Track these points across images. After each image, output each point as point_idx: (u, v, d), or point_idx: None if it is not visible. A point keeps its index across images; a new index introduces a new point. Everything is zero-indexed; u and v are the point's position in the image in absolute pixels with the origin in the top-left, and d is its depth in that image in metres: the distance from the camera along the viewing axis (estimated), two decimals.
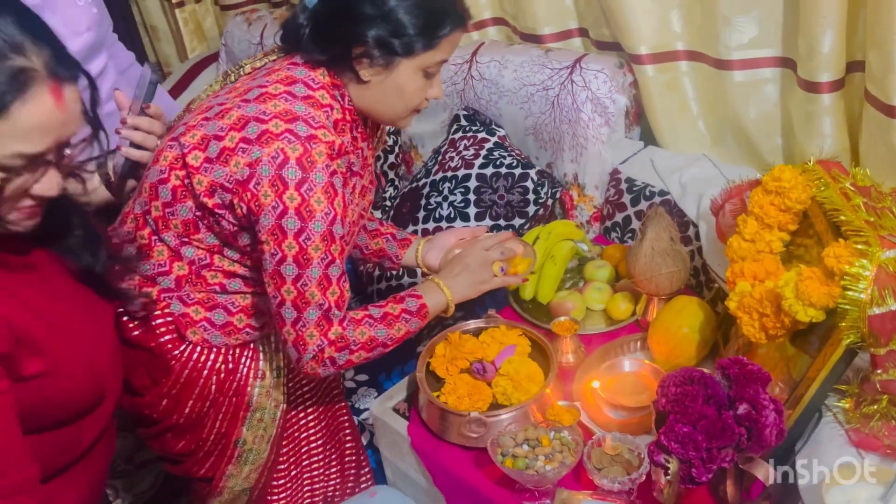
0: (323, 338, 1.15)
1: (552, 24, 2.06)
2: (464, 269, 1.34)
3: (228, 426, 1.28)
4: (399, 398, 1.54)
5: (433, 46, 1.17)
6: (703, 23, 1.72)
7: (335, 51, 1.16)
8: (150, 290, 1.21)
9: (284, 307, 1.13)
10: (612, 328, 1.60)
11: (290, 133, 1.08)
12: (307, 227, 1.08)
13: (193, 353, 1.22)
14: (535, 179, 1.89)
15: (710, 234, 1.52)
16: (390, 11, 1.13)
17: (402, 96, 1.20)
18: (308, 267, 1.10)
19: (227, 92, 1.20)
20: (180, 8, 3.20)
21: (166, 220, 1.17)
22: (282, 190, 1.07)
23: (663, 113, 1.86)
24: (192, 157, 1.11)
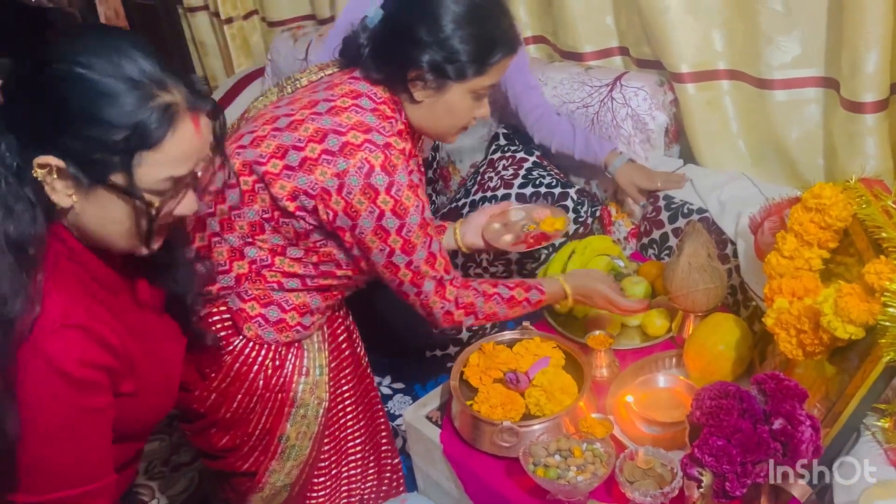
0: (443, 300, 1.32)
1: (593, 43, 2.09)
2: (589, 297, 1.49)
3: (273, 421, 1.31)
4: (432, 406, 1.56)
5: (484, 73, 1.24)
6: (746, 42, 1.73)
7: (391, 71, 1.24)
8: (209, 287, 1.25)
9: (404, 286, 1.29)
10: (647, 344, 1.59)
11: (369, 143, 1.17)
12: (405, 221, 1.21)
13: (245, 349, 1.27)
14: (575, 198, 1.90)
15: (749, 252, 1.51)
16: (445, 39, 1.20)
17: (452, 116, 1.29)
18: (414, 252, 1.24)
19: (290, 103, 1.26)
20: (228, 24, 3.29)
21: (231, 222, 1.24)
22: (374, 196, 1.17)
23: (703, 131, 1.86)
24: (272, 165, 1.19)
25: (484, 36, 1.22)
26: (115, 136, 0.83)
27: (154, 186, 0.87)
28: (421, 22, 1.20)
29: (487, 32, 1.22)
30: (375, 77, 1.25)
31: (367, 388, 1.51)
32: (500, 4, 1.26)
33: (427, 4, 1.21)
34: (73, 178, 0.84)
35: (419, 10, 1.21)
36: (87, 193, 0.86)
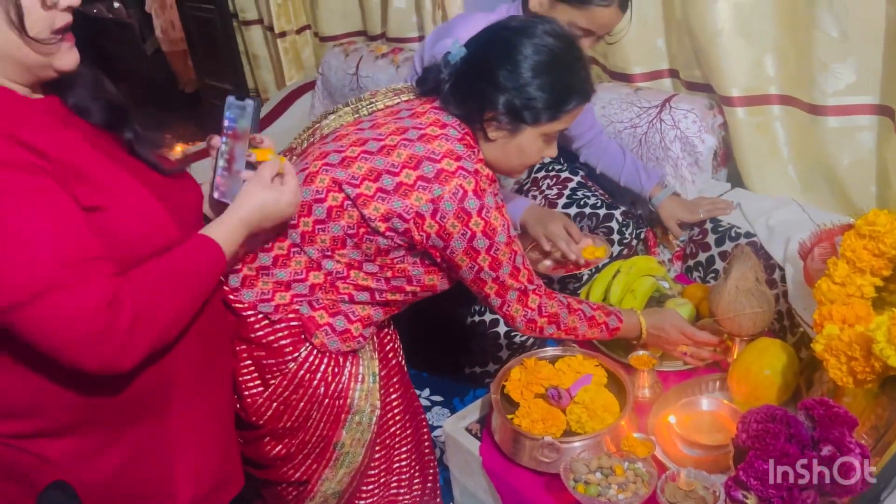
0: (526, 308, 1.36)
1: (642, 65, 2.10)
2: (660, 332, 1.51)
3: (330, 428, 1.34)
4: (472, 419, 1.57)
5: (557, 119, 1.30)
6: (799, 68, 1.72)
7: (470, 108, 1.30)
8: (283, 293, 1.29)
9: (490, 298, 1.35)
10: (690, 367, 1.58)
11: (462, 170, 1.23)
12: (494, 241, 1.27)
13: (310, 356, 1.30)
14: (620, 220, 1.90)
15: (797, 278, 1.50)
16: (523, 85, 1.25)
17: (522, 156, 1.34)
18: (500, 268, 1.30)
19: (374, 126, 1.31)
20: (282, 38, 3.38)
21: (313, 235, 1.27)
22: (466, 220, 1.24)
23: (753, 156, 1.86)
24: (365, 187, 1.24)
25: (560, 84, 1.27)
26: None
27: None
28: (501, 66, 1.26)
29: (564, 81, 1.27)
30: (454, 111, 1.31)
31: (411, 398, 1.53)
32: (578, 54, 1.30)
33: (509, 50, 1.26)
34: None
35: (501, 55, 1.26)
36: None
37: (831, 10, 1.59)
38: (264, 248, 1.30)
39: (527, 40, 1.26)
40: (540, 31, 1.27)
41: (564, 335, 1.42)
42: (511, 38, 1.27)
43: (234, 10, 3.68)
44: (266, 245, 1.30)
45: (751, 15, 1.75)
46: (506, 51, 1.27)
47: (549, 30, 1.28)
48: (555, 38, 1.27)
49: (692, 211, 1.85)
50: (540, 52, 1.25)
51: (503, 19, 1.36)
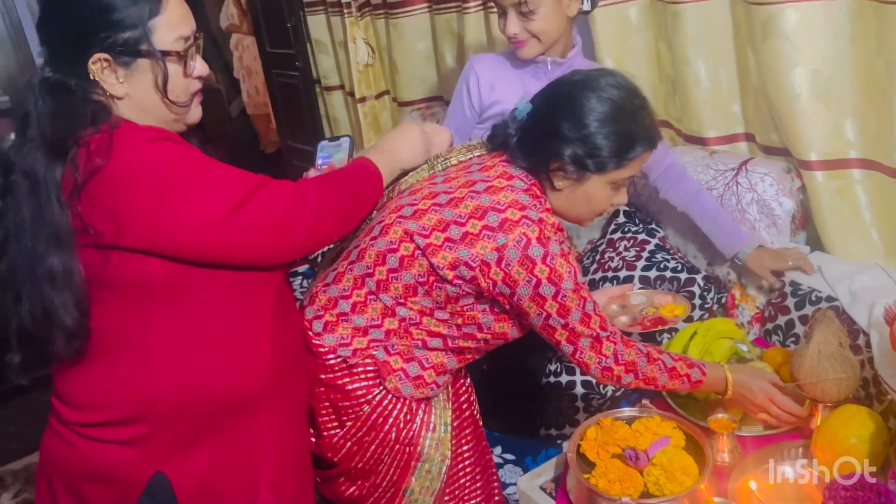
0: (600, 356, 1.35)
1: (717, 128, 2.12)
2: (745, 390, 1.48)
3: (400, 474, 1.37)
4: (547, 477, 1.57)
5: (623, 166, 1.33)
6: (880, 132, 1.72)
7: (536, 160, 1.35)
8: (361, 339, 1.36)
9: (562, 345, 1.35)
10: (771, 432, 1.55)
11: (525, 219, 1.27)
12: (560, 287, 1.28)
13: (384, 400, 1.35)
14: (702, 284, 1.90)
15: (884, 344, 1.47)
16: (588, 136, 1.30)
17: (590, 204, 1.38)
18: (569, 315, 1.31)
19: (446, 181, 1.38)
20: (362, 103, 3.54)
21: (387, 283, 1.34)
22: (531, 266, 1.26)
23: (833, 220, 1.84)
24: (434, 237, 1.31)
25: (624, 133, 1.31)
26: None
27: (174, 45, 1.14)
28: (566, 119, 1.31)
29: (628, 129, 1.31)
30: (521, 164, 1.36)
31: (483, 451, 1.55)
32: (642, 102, 1.34)
33: (573, 103, 1.31)
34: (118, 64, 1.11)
35: (566, 107, 1.32)
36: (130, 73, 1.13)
37: None
38: (344, 294, 1.37)
39: (590, 92, 1.31)
40: (603, 83, 1.32)
41: (643, 385, 1.39)
42: (573, 92, 1.33)
43: (317, 76, 3.89)
44: (346, 293, 1.37)
45: (828, 81, 1.76)
46: (569, 103, 1.32)
47: (612, 81, 1.33)
48: (617, 89, 1.32)
49: (780, 258, 1.83)
50: (603, 102, 1.30)
51: (567, 74, 1.41)
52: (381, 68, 3.51)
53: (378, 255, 1.35)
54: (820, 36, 1.74)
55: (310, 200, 1.21)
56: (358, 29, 3.38)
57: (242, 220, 1.13)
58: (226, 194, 1.12)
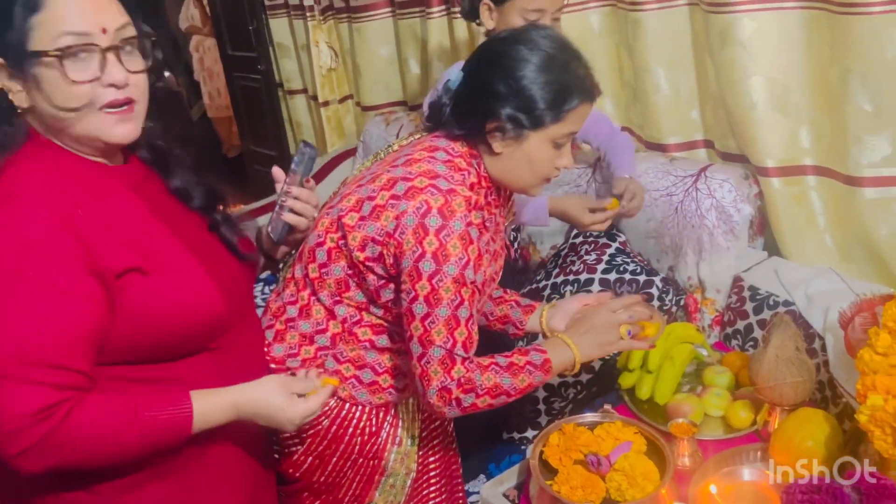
0: (446, 375, 1.20)
1: (678, 135, 2.15)
2: (590, 329, 1.35)
3: (363, 489, 1.35)
4: (510, 484, 1.56)
5: (561, 119, 1.25)
6: (834, 140, 1.76)
7: (471, 125, 1.28)
8: (308, 347, 1.32)
9: (413, 342, 1.21)
10: (731, 436, 1.57)
11: (433, 187, 1.21)
12: (441, 269, 1.18)
13: (342, 410, 1.32)
14: (660, 287, 1.91)
15: (838, 348, 1.49)
16: (522, 89, 1.23)
17: (532, 166, 1.30)
18: (437, 306, 1.18)
19: (379, 164, 1.35)
20: (325, 107, 3.51)
21: (322, 280, 1.30)
22: (422, 236, 1.18)
23: (789, 225, 1.87)
24: (349, 217, 1.25)
25: (559, 83, 1.23)
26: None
27: (55, 44, 0.96)
28: (497, 74, 1.24)
29: (562, 80, 1.24)
30: (456, 133, 1.29)
31: (450, 461, 1.53)
32: (574, 54, 1.28)
33: (503, 58, 1.25)
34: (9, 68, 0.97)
35: (496, 63, 1.26)
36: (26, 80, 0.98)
37: (864, 85, 1.63)
38: (291, 300, 1.34)
39: (520, 45, 1.24)
40: (533, 35, 1.26)
41: (490, 398, 1.23)
42: (502, 47, 1.27)
43: (279, 79, 3.85)
44: (293, 298, 1.34)
45: (784, 89, 1.79)
46: (499, 58, 1.26)
47: (543, 34, 1.27)
48: (547, 39, 1.25)
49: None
50: (534, 54, 1.23)
51: (493, 35, 1.36)
52: (345, 72, 3.49)
53: (310, 252, 1.31)
54: (775, 45, 1.78)
55: (41, 430, 0.94)
56: (321, 32, 3.36)
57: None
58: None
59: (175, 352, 1.08)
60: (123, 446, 1.01)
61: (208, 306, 1.08)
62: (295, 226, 1.31)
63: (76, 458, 0.98)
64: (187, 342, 1.09)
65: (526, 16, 1.72)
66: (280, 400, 1.11)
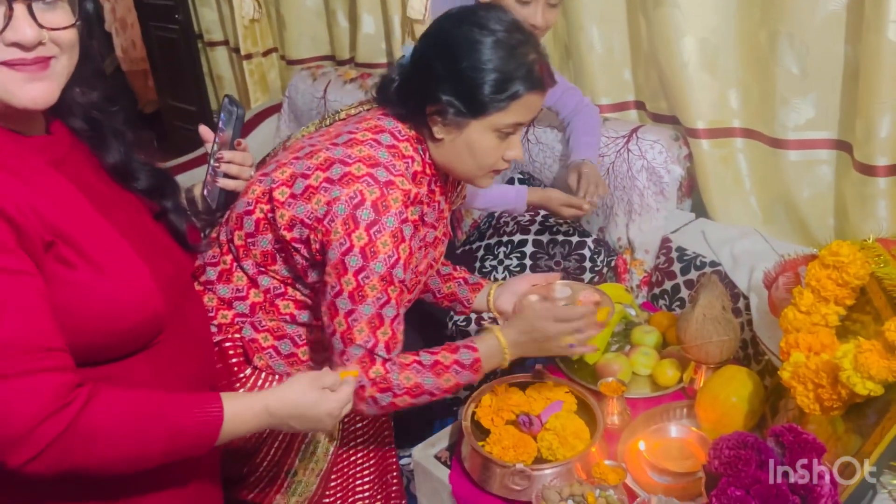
0: (363, 374, 1.16)
1: (609, 96, 2.14)
2: (533, 338, 1.30)
3: (283, 455, 1.30)
4: (441, 446, 1.55)
5: (503, 109, 1.18)
6: (761, 102, 1.78)
7: (413, 106, 1.22)
8: (226, 312, 1.25)
9: (335, 338, 1.17)
10: (658, 394, 1.60)
11: (370, 177, 1.14)
12: (368, 265, 1.12)
13: (258, 380, 1.26)
14: (592, 248, 1.92)
15: (762, 307, 1.53)
16: (461, 72, 1.16)
17: (474, 155, 1.23)
18: (362, 303, 1.13)
19: (321, 135, 1.26)
20: (248, 60, 3.37)
21: (247, 250, 1.23)
22: (352, 228, 1.11)
23: (717, 187, 1.90)
24: (279, 192, 1.17)
25: (503, 69, 1.16)
26: None
27: None
28: (438, 55, 1.18)
29: (506, 66, 1.16)
30: (401, 112, 1.23)
31: (381, 427, 1.50)
32: (524, 38, 1.19)
33: (447, 38, 1.19)
34: None
35: (439, 44, 1.20)
36: None
37: (792, 48, 1.65)
38: (212, 261, 1.27)
39: (466, 26, 1.17)
40: (479, 16, 1.18)
41: (410, 398, 1.19)
42: (446, 27, 1.20)
43: (199, 30, 3.66)
44: (214, 259, 1.27)
45: (715, 50, 1.80)
46: (441, 39, 1.20)
47: (489, 15, 1.19)
48: (494, 22, 1.17)
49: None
50: (476, 36, 1.16)
51: (445, 11, 1.26)
52: (269, 24, 3.34)
53: (237, 219, 1.23)
54: (708, 5, 1.78)
55: (55, 428, 0.82)
56: None
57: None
58: None
59: (104, 355, 0.94)
60: (147, 447, 0.89)
61: (146, 306, 0.94)
62: (233, 190, 1.22)
63: (93, 459, 0.85)
64: (120, 345, 0.95)
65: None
66: (313, 397, 1.03)
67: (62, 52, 0.89)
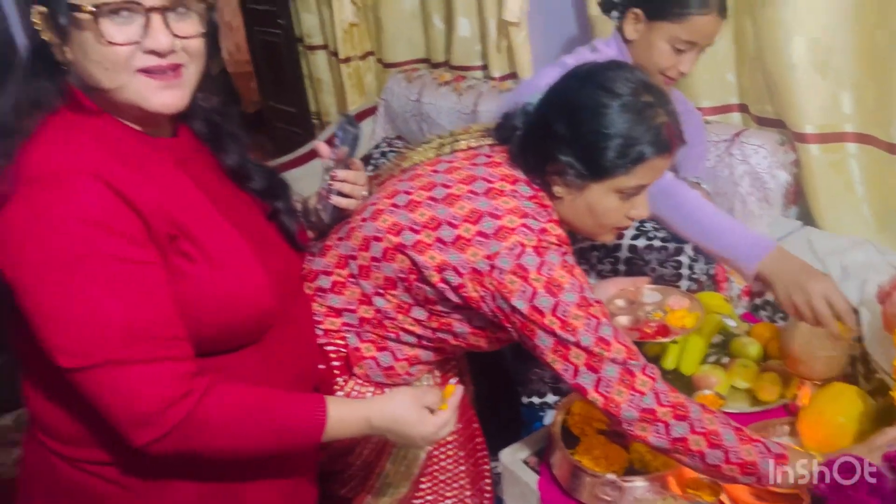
0: (633, 392, 1.10)
1: (711, 98, 2.08)
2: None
3: (376, 457, 1.33)
4: (530, 451, 1.54)
5: (626, 172, 1.16)
6: (877, 105, 1.69)
7: (532, 162, 1.21)
8: (334, 319, 1.29)
9: (580, 374, 1.12)
10: (758, 409, 1.53)
11: (524, 227, 1.14)
12: (560, 300, 1.11)
13: (356, 386, 1.30)
14: (691, 255, 1.86)
15: (875, 323, 1.45)
16: (583, 136, 1.15)
17: (595, 217, 1.22)
18: (577, 334, 1.10)
19: (448, 171, 1.26)
20: (346, 63, 3.45)
21: (369, 271, 1.25)
22: (524, 275, 1.11)
23: (826, 194, 1.82)
24: (424, 234, 1.18)
25: (628, 133, 1.13)
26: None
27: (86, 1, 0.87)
28: (560, 115, 1.17)
29: (632, 131, 1.13)
30: (520, 164, 1.23)
31: (473, 433, 1.51)
32: (654, 100, 1.16)
33: (570, 99, 1.17)
34: (50, 18, 0.88)
35: (562, 102, 1.18)
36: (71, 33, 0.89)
37: None
38: (326, 270, 1.31)
39: (589, 88, 1.16)
40: (606, 77, 1.16)
41: (706, 444, 1.09)
42: (572, 87, 1.19)
43: (300, 35, 3.78)
44: (328, 268, 1.31)
45: (828, 51, 1.72)
46: (565, 100, 1.18)
47: (617, 75, 1.16)
48: (622, 84, 1.14)
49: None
50: (601, 99, 1.14)
51: (574, 68, 1.24)
52: (367, 27, 3.41)
53: (364, 240, 1.25)
54: (820, 4, 1.70)
55: (178, 413, 0.89)
56: None
57: (82, 384, 0.88)
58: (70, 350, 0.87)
59: (216, 347, 1.00)
60: (255, 438, 0.95)
61: (258, 300, 1.00)
62: (345, 208, 1.28)
63: (204, 446, 0.92)
64: (232, 338, 1.01)
65: (675, 44, 1.58)
66: (414, 415, 1.06)
67: (191, 59, 0.96)
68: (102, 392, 0.88)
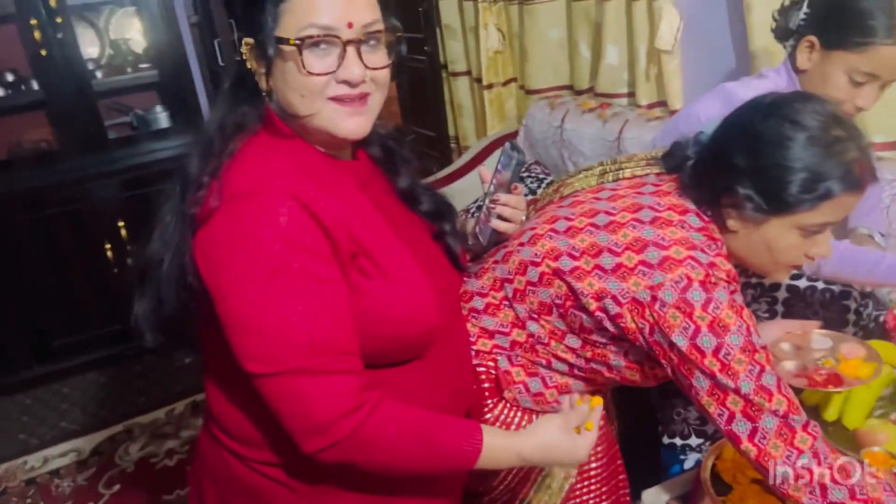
0: (790, 448, 1.05)
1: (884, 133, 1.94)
2: None
3: (518, 484, 1.33)
4: (673, 494, 1.48)
5: (811, 209, 1.10)
6: None
7: (705, 194, 1.18)
8: (486, 341, 1.31)
9: (736, 421, 1.08)
10: None
11: (692, 259, 1.10)
12: (724, 342, 1.07)
13: (504, 409, 1.31)
14: (858, 299, 1.74)
15: None
16: (765, 169, 1.10)
17: (772, 253, 1.17)
18: (737, 381, 1.06)
19: (611, 198, 1.24)
20: (488, 90, 3.50)
21: (524, 295, 1.26)
22: (689, 311, 1.07)
23: None
24: (584, 261, 1.17)
25: (814, 168, 1.08)
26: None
27: (298, 34, 0.95)
28: (740, 146, 1.13)
29: (820, 166, 1.08)
30: (691, 194, 1.20)
31: (616, 470, 1.47)
32: (844, 134, 1.10)
33: (750, 128, 1.13)
34: (256, 49, 0.97)
35: (741, 133, 1.14)
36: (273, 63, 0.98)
37: None
38: (481, 292, 1.32)
39: (774, 119, 1.10)
40: (792, 109, 1.10)
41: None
42: (755, 118, 1.14)
43: (444, 61, 3.88)
44: (483, 290, 1.32)
45: None
46: (746, 132, 1.14)
47: (805, 107, 1.10)
48: (810, 117, 1.09)
49: None
50: (786, 132, 1.09)
51: (755, 98, 1.19)
52: (511, 55, 3.45)
53: (521, 264, 1.26)
54: None
55: (346, 428, 0.94)
56: (490, 15, 3.34)
57: (263, 388, 0.95)
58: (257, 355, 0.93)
59: (382, 360, 1.04)
60: (412, 459, 1.00)
61: (426, 317, 1.05)
62: (503, 232, 1.30)
63: (364, 460, 0.97)
64: (397, 352, 1.06)
65: (853, 76, 1.48)
66: (566, 443, 1.09)
67: (377, 89, 1.02)
68: (283, 398, 0.93)
